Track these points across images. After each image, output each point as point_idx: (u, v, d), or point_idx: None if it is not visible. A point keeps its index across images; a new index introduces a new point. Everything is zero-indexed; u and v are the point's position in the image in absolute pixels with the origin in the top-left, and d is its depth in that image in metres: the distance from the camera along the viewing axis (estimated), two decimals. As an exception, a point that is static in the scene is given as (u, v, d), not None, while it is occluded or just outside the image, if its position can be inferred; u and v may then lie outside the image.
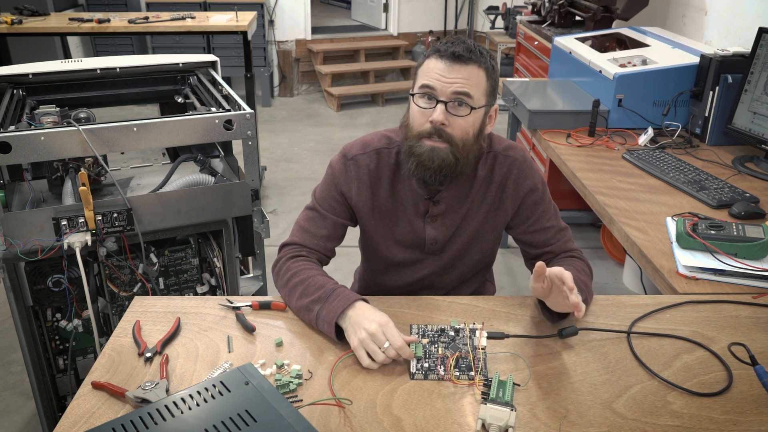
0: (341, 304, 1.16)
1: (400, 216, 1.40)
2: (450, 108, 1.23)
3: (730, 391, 1.04)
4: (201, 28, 3.41)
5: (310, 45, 6.14)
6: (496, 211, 1.39)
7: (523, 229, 1.41)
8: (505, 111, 2.87)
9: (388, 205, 1.39)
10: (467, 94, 1.22)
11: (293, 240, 1.38)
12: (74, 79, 2.04)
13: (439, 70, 1.22)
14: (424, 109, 1.25)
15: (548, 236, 1.39)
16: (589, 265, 1.38)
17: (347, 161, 1.37)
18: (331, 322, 1.15)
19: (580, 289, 1.22)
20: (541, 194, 1.38)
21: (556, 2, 3.53)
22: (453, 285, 1.50)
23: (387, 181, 1.37)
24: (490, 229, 1.41)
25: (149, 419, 0.85)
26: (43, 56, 3.77)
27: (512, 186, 1.37)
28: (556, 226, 1.40)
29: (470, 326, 1.18)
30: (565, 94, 2.65)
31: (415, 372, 1.08)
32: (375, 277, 1.53)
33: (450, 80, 1.21)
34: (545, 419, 0.97)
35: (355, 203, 1.38)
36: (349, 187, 1.37)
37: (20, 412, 2.14)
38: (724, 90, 2.14)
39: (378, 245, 1.44)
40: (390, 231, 1.41)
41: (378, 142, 1.38)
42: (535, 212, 1.38)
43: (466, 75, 1.22)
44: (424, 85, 1.24)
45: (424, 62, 1.27)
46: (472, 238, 1.42)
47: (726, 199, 1.73)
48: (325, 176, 1.41)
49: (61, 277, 1.64)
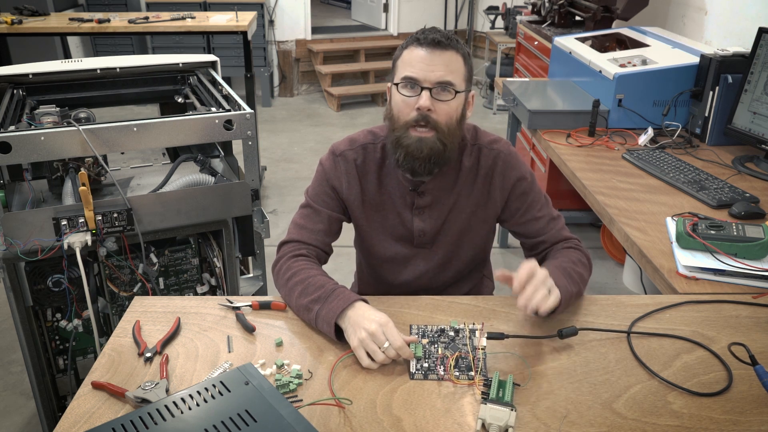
0: (341, 304, 1.16)
1: (389, 208, 1.42)
2: (434, 94, 1.26)
3: (730, 391, 1.04)
4: (201, 28, 3.41)
5: (310, 45, 6.14)
6: (485, 204, 1.41)
7: (515, 220, 1.43)
8: (505, 111, 2.87)
9: (376, 198, 1.41)
10: (449, 80, 1.25)
11: (291, 237, 1.39)
12: (74, 79, 2.04)
13: (421, 58, 1.25)
14: (408, 97, 1.27)
15: (540, 225, 1.41)
16: (586, 254, 1.38)
17: (336, 157, 1.41)
18: (330, 321, 1.15)
19: (570, 279, 1.23)
20: (529, 184, 1.40)
21: (556, 2, 3.53)
22: (449, 283, 1.51)
23: (374, 174, 1.40)
24: (480, 222, 1.43)
25: (149, 419, 0.85)
26: (43, 56, 3.76)
27: (499, 178, 1.39)
28: (548, 215, 1.41)
29: (470, 327, 1.18)
30: (565, 94, 2.65)
31: (415, 372, 1.08)
32: (371, 275, 1.54)
33: (432, 66, 1.25)
34: (545, 419, 0.97)
35: (346, 197, 1.41)
36: (340, 182, 1.40)
37: (20, 412, 2.14)
38: (724, 90, 2.14)
39: (371, 239, 1.46)
40: (380, 224, 1.43)
41: (364, 138, 1.42)
42: (524, 202, 1.40)
43: (447, 60, 1.26)
44: (407, 74, 1.27)
45: (403, 53, 1.30)
46: (462, 232, 1.43)
47: (726, 199, 1.73)
48: (316, 174, 1.44)
49: (61, 277, 1.64)
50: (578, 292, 1.27)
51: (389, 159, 1.37)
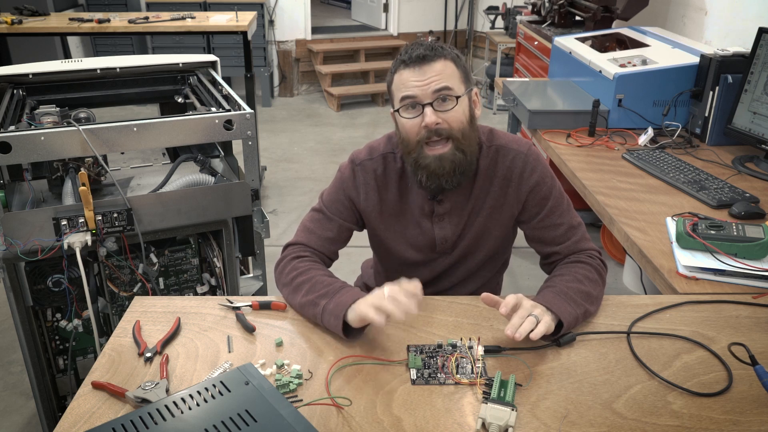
0: (349, 298, 1.15)
1: (409, 218, 1.41)
2: (436, 106, 1.25)
3: (730, 391, 1.04)
4: (201, 28, 3.41)
5: (310, 45, 6.14)
6: (500, 207, 1.38)
7: (532, 224, 1.38)
8: (505, 111, 2.87)
9: (396, 208, 1.40)
10: (447, 87, 1.24)
11: (298, 240, 1.39)
12: (74, 79, 2.04)
13: (412, 77, 1.24)
14: (412, 119, 1.26)
15: (558, 233, 1.36)
16: (596, 266, 1.31)
17: (355, 166, 1.39)
18: (339, 315, 1.14)
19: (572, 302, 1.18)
20: (549, 188, 1.36)
21: (556, 2, 3.53)
22: (459, 280, 1.50)
23: (394, 185, 1.39)
24: (496, 224, 1.40)
25: (149, 419, 0.85)
26: (43, 56, 3.76)
27: (517, 180, 1.35)
28: (567, 223, 1.36)
29: (468, 343, 1.14)
30: (565, 94, 2.65)
31: (416, 379, 1.06)
32: (388, 272, 1.53)
33: (425, 81, 1.23)
34: (545, 419, 0.97)
35: (363, 208, 1.40)
36: (357, 192, 1.39)
37: (20, 412, 2.14)
38: (724, 90, 2.14)
39: (390, 247, 1.45)
40: (400, 233, 1.43)
41: (384, 147, 1.40)
42: (543, 207, 1.36)
43: (438, 70, 1.24)
44: (404, 96, 1.26)
45: (394, 78, 1.29)
46: (479, 235, 1.41)
47: (726, 199, 1.72)
48: (334, 180, 1.43)
49: (61, 277, 1.63)
50: (585, 312, 1.20)
51: (411, 178, 1.35)
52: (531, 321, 1.10)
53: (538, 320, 1.11)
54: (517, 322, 1.10)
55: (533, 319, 1.11)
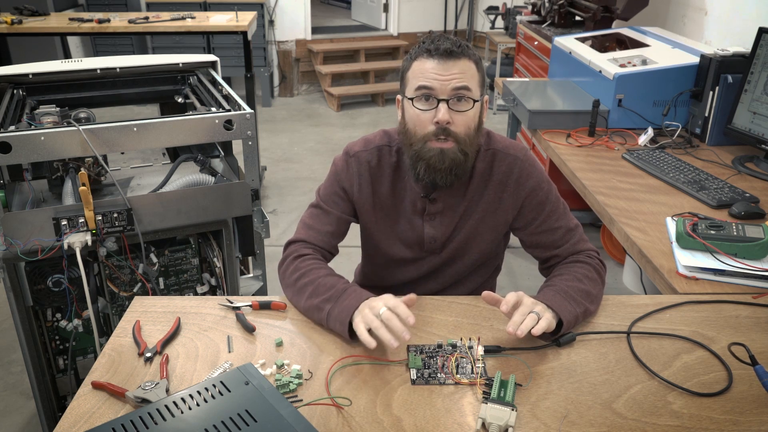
0: (354, 303, 1.15)
1: (400, 214, 1.40)
2: (452, 105, 1.23)
3: (730, 391, 1.04)
4: (201, 28, 3.41)
5: (310, 45, 6.14)
6: (494, 211, 1.38)
7: (529, 230, 1.38)
8: (505, 111, 2.87)
9: (388, 202, 1.39)
10: (467, 87, 1.22)
11: (298, 237, 1.39)
12: (74, 79, 2.04)
13: (434, 69, 1.22)
14: (424, 111, 1.24)
15: (556, 237, 1.36)
16: (595, 266, 1.32)
17: (349, 158, 1.39)
18: (344, 321, 1.14)
19: (572, 301, 1.18)
20: (545, 193, 1.35)
21: (556, 2, 3.53)
22: (449, 283, 1.49)
23: (387, 178, 1.38)
24: (489, 228, 1.40)
25: (149, 419, 0.85)
26: (43, 56, 3.76)
27: (513, 185, 1.35)
28: (565, 226, 1.36)
29: (468, 343, 1.15)
30: (565, 94, 2.65)
31: (416, 379, 1.06)
32: (375, 271, 1.53)
33: (447, 77, 1.21)
34: (545, 419, 0.97)
35: (356, 199, 1.39)
36: (351, 183, 1.38)
37: (20, 412, 2.14)
38: (724, 90, 2.14)
39: (379, 242, 1.44)
40: (390, 228, 1.42)
41: (380, 140, 1.39)
42: (541, 213, 1.36)
43: (461, 69, 1.22)
44: (421, 86, 1.23)
45: (413, 64, 1.26)
46: (470, 237, 1.40)
47: (726, 199, 1.72)
48: (329, 174, 1.43)
49: (61, 277, 1.63)
50: (585, 311, 1.21)
51: (407, 171, 1.34)
52: (532, 318, 1.10)
53: (539, 317, 1.11)
54: (518, 319, 1.10)
55: (534, 316, 1.11)
